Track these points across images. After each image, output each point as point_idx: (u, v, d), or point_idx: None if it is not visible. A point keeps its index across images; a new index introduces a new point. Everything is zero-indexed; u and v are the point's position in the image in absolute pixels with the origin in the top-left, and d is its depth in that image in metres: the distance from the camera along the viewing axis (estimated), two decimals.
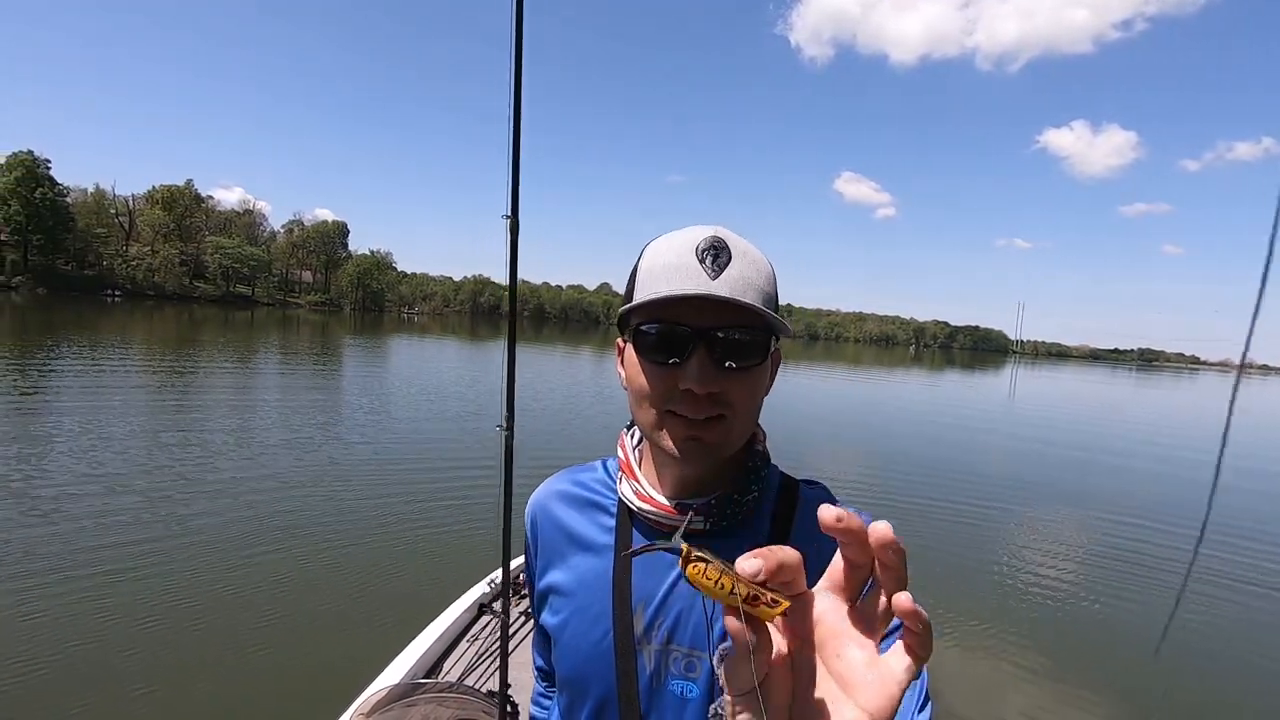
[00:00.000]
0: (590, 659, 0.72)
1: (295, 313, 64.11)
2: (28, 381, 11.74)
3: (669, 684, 0.69)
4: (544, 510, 0.82)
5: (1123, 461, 13.36)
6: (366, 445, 8.89)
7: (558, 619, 0.76)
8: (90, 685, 3.24)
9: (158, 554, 4.82)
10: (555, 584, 0.77)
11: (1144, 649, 4.78)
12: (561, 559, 0.78)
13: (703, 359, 0.63)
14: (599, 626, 0.72)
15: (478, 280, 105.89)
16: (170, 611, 4.00)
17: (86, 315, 32.25)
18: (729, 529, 0.71)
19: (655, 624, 0.70)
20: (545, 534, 0.80)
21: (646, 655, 0.70)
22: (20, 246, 54.99)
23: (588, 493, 0.80)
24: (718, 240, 0.65)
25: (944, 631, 4.69)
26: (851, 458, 11.50)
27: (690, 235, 0.66)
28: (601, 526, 0.77)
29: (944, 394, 29.79)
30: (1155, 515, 8.45)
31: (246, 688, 3.34)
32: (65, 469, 6.58)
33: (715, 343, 0.63)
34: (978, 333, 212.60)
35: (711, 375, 0.63)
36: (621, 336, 0.73)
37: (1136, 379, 72.98)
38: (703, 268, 0.63)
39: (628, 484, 0.75)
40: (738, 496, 0.71)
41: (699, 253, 0.64)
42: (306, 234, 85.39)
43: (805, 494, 0.76)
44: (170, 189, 69.76)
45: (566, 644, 0.75)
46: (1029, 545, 7.05)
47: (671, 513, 0.71)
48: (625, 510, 0.76)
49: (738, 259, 0.65)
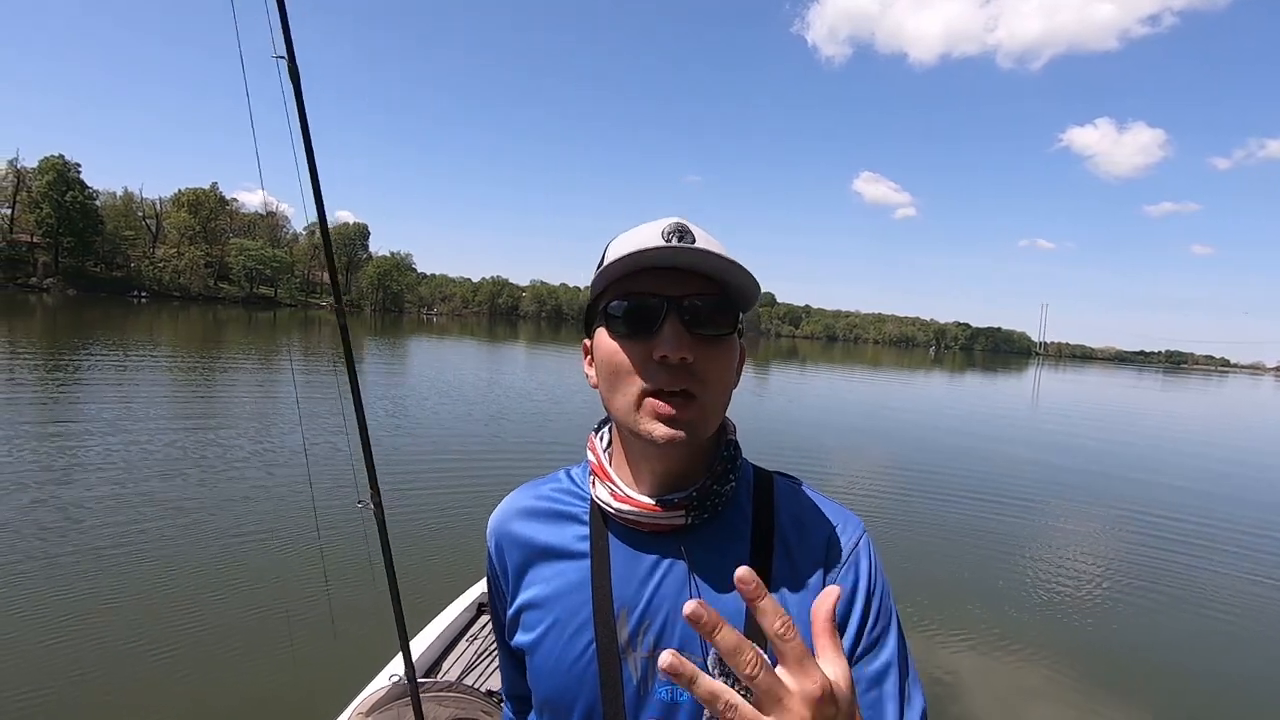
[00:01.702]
0: (572, 673, 0.69)
1: (316, 313, 64.90)
2: (60, 377, 12.01)
3: (656, 691, 0.67)
4: (506, 533, 0.78)
5: (1157, 470, 13.09)
6: (345, 451, 8.87)
7: (533, 635, 0.73)
8: (89, 685, 3.27)
9: (157, 551, 4.90)
10: (529, 600, 0.74)
11: (1180, 666, 4.66)
12: (533, 575, 0.75)
13: (675, 325, 0.64)
14: (581, 638, 0.70)
15: (495, 281, 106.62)
16: (170, 610, 4.04)
17: (114, 316, 32.93)
18: (709, 522, 0.70)
19: (640, 631, 0.68)
20: (511, 556, 0.77)
21: (632, 664, 0.68)
22: (51, 249, 56.31)
23: (553, 504, 0.78)
24: (681, 225, 0.67)
25: (961, 637, 4.62)
26: (867, 463, 11.39)
27: (653, 224, 0.68)
28: (574, 536, 0.74)
29: (965, 396, 29.39)
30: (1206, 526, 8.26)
31: (246, 687, 3.36)
32: (103, 463, 6.71)
33: (686, 310, 0.64)
34: (999, 334, 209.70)
35: (685, 341, 0.64)
36: (588, 337, 0.74)
37: (1164, 381, 71.50)
38: (669, 244, 0.65)
39: (602, 486, 0.73)
40: (716, 487, 0.70)
41: (665, 235, 0.66)
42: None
43: (780, 483, 0.76)
44: (196, 192, 71.02)
45: (544, 660, 0.71)
46: (1061, 554, 6.92)
47: (653, 510, 0.69)
48: (599, 515, 0.74)
49: (702, 240, 0.67)
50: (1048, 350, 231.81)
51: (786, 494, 0.75)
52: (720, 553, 0.69)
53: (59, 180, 54.53)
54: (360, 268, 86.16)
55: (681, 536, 0.70)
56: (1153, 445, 16.58)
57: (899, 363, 63.89)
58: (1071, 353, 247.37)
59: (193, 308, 51.41)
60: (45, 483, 6.15)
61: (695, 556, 0.69)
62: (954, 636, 4.63)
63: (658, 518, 0.69)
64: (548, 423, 12.17)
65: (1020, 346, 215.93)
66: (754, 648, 0.43)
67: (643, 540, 0.71)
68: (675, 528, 0.70)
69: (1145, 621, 5.24)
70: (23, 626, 3.74)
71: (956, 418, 19.22)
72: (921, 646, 4.42)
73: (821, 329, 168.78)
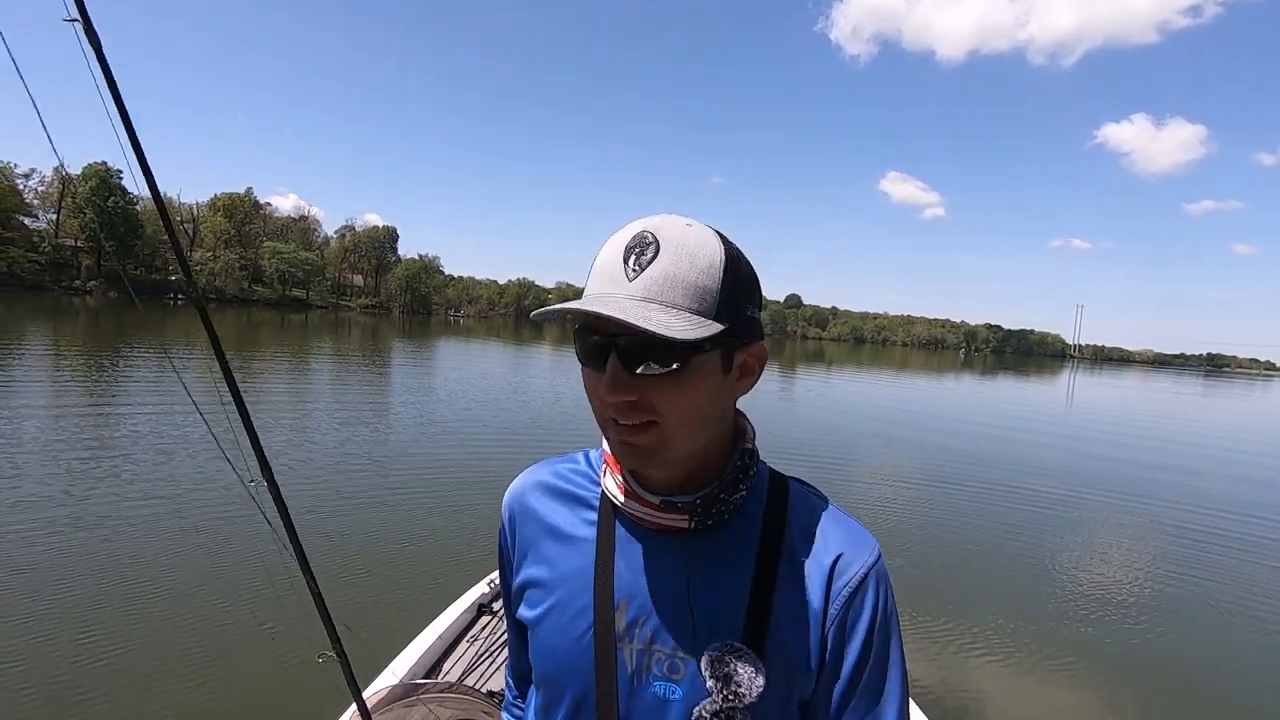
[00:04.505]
0: (569, 656, 0.70)
1: (347, 315, 66.08)
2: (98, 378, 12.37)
3: (651, 685, 0.67)
4: (521, 503, 0.79)
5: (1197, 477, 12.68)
6: (349, 451, 8.83)
7: (535, 613, 0.74)
8: (88, 683, 3.29)
9: (157, 547, 4.98)
10: (534, 578, 0.76)
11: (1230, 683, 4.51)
12: (540, 553, 0.76)
13: (614, 366, 0.61)
14: (580, 623, 0.70)
15: (521, 284, 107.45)
16: (169, 609, 4.07)
17: (153, 318, 33.91)
18: (715, 528, 0.69)
19: (638, 623, 0.69)
20: (523, 527, 0.78)
21: (627, 654, 0.68)
22: (94, 252, 58.15)
23: (569, 485, 0.78)
24: (645, 235, 0.62)
25: (986, 644, 4.52)
26: (894, 465, 11.22)
27: (629, 229, 0.64)
28: (583, 520, 0.75)
29: (996, 400, 28.82)
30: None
31: (247, 687, 3.37)
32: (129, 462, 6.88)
33: (623, 351, 0.61)
34: (1031, 337, 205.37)
35: (624, 384, 0.61)
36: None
37: (1205, 386, 69.32)
38: (625, 268, 0.61)
39: (612, 478, 0.72)
40: (724, 495, 0.69)
41: (625, 251, 0.62)
42: (358, 239, 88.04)
43: (795, 492, 0.74)
44: (231, 196, 72.71)
45: (544, 639, 0.73)
46: (1107, 567, 6.74)
47: (655, 510, 0.69)
48: (608, 505, 0.74)
49: (667, 254, 0.61)
50: (1082, 353, 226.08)
51: (801, 504, 0.73)
52: (724, 559, 0.69)
53: (101, 186, 56.25)
54: (389, 270, 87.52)
55: (687, 538, 0.70)
56: (1198, 452, 16.08)
57: (928, 365, 62.94)
58: (1107, 355, 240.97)
59: (228, 310, 52.67)
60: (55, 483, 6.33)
61: (698, 560, 0.69)
62: (979, 644, 4.53)
63: (660, 518, 0.69)
64: (570, 419, 12.20)
65: (1054, 349, 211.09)
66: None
67: (648, 536, 0.71)
68: (679, 529, 0.69)
69: (1206, 640, 5.07)
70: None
71: (987, 422, 18.85)
72: (944, 655, 4.33)
73: (849, 331, 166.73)
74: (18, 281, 51.06)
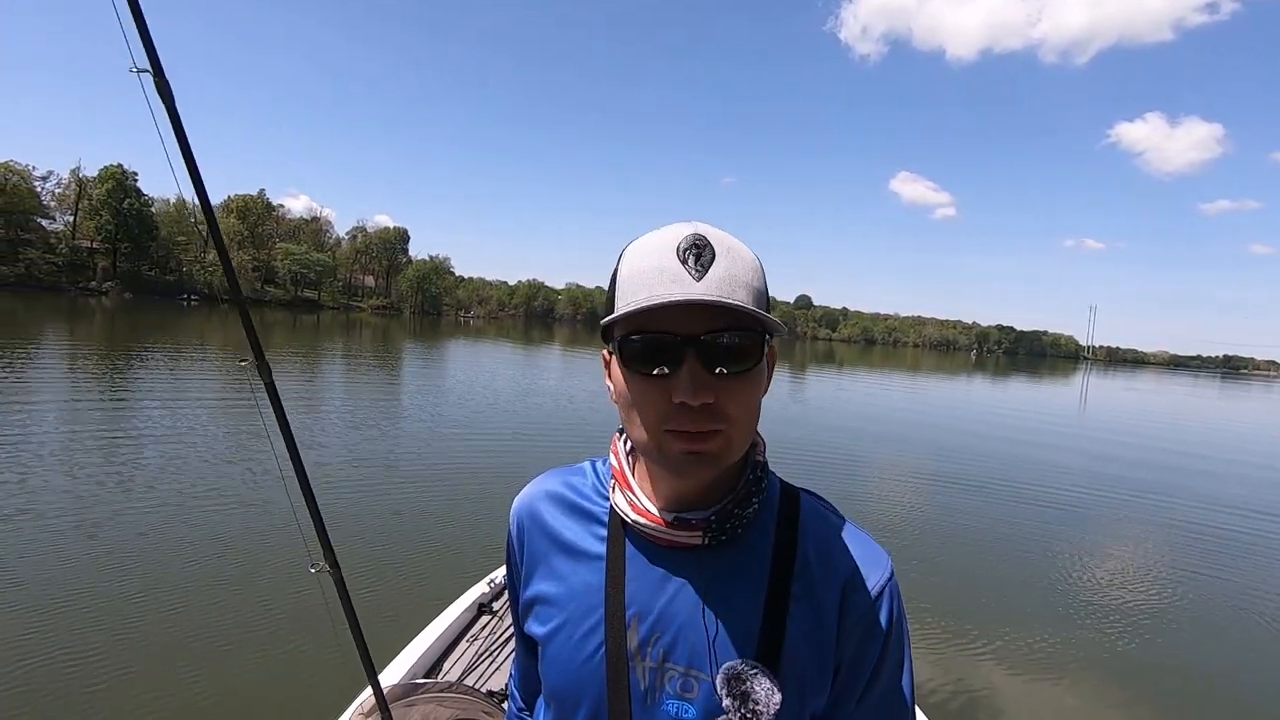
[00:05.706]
0: (581, 674, 0.69)
1: (358, 316, 66.49)
2: (117, 381, 12.50)
3: (664, 703, 0.66)
4: (531, 514, 0.77)
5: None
6: (352, 450, 8.76)
7: (545, 629, 0.73)
8: (87, 681, 3.31)
9: (157, 545, 5.00)
10: (543, 593, 0.74)
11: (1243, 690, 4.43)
12: (550, 567, 0.74)
13: (694, 368, 0.59)
14: (591, 641, 0.69)
15: (531, 285, 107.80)
16: (168, 607, 4.08)
17: (169, 318, 34.27)
18: (727, 543, 0.68)
19: (651, 640, 0.67)
20: (532, 539, 0.77)
21: (640, 672, 0.67)
22: (110, 254, 58.84)
23: (579, 498, 0.76)
24: (699, 238, 0.61)
25: (990, 647, 4.47)
26: (905, 467, 11.15)
27: (669, 234, 0.62)
28: (594, 536, 0.73)
29: (1009, 401, 28.58)
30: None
31: (247, 687, 3.37)
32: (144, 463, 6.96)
33: (705, 349, 0.59)
34: (1044, 338, 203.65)
35: (706, 384, 0.59)
36: (606, 348, 0.68)
37: (1222, 388, 68.47)
38: (685, 269, 0.60)
39: (622, 494, 0.71)
40: (737, 510, 0.68)
41: (680, 253, 0.60)
42: (369, 240, 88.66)
43: (806, 504, 0.73)
44: (244, 198, 73.38)
45: (555, 656, 0.72)
46: (1124, 573, 6.66)
47: (669, 528, 0.68)
48: (618, 521, 0.72)
49: (722, 256, 0.61)
50: (1096, 354, 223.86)
51: (813, 517, 0.72)
52: (737, 575, 0.68)
53: (117, 188, 56.92)
54: (400, 271, 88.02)
55: (700, 554, 0.69)
56: (1217, 455, 15.87)
57: (940, 367, 62.54)
58: (1122, 357, 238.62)
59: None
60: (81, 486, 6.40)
61: (711, 577, 0.68)
62: (990, 648, 4.48)
63: (671, 535, 0.68)
64: (579, 421, 12.22)
65: (1067, 350, 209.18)
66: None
67: (659, 552, 0.70)
68: (690, 545, 0.68)
69: (1226, 645, 4.99)
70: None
71: (1000, 424, 18.69)
72: (955, 660, 4.30)
73: (860, 332, 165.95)
74: (35, 282, 51.76)
